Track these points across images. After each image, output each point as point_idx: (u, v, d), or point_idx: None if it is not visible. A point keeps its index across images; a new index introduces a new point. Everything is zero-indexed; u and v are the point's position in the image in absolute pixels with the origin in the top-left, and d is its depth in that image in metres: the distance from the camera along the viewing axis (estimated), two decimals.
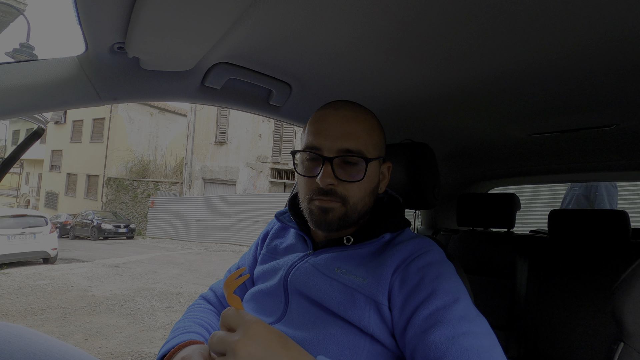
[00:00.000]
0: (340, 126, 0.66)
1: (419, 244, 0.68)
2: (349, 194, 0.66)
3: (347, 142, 0.65)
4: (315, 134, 0.67)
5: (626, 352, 0.62)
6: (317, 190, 0.66)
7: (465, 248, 1.53)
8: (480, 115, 1.05)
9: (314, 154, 0.66)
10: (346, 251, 0.69)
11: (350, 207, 0.66)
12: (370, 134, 0.69)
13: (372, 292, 0.61)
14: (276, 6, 0.58)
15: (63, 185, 19.98)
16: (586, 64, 0.70)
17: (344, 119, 0.67)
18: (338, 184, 0.65)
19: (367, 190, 0.68)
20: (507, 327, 1.32)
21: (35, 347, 0.64)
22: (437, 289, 0.58)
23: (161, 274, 6.66)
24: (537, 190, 4.96)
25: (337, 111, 0.68)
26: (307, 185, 0.68)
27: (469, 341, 0.51)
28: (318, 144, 0.66)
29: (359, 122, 0.68)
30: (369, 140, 0.68)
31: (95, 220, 13.05)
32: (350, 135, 0.66)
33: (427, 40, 0.65)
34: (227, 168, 13.82)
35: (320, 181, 0.64)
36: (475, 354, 0.49)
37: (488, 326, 0.56)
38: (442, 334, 0.52)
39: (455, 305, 0.56)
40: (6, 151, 8.52)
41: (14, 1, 4.27)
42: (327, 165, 0.64)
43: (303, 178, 0.69)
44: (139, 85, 0.79)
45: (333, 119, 0.67)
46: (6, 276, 6.05)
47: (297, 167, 0.70)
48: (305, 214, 0.70)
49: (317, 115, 0.70)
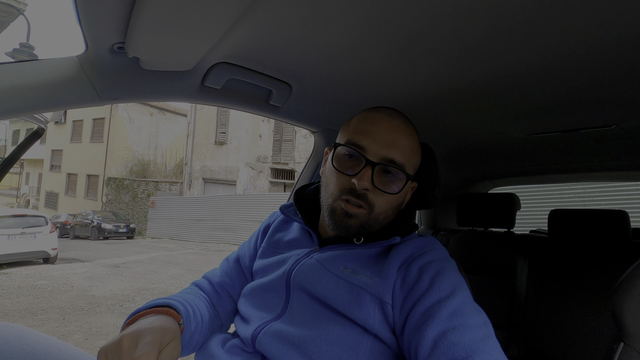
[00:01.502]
0: (391, 135, 0.65)
1: (422, 242, 0.68)
2: (378, 204, 0.65)
3: (394, 153, 0.64)
4: (363, 134, 0.65)
5: (626, 352, 0.62)
6: (348, 189, 0.64)
7: (465, 248, 1.53)
8: (480, 115, 1.05)
9: (358, 153, 0.64)
10: (354, 250, 0.68)
11: (373, 217, 0.66)
12: (414, 151, 0.69)
13: (378, 291, 0.61)
14: (276, 6, 0.58)
15: (63, 185, 19.98)
16: (586, 64, 0.70)
17: (396, 129, 0.66)
18: (372, 190, 0.64)
19: (393, 204, 0.68)
20: (507, 327, 1.32)
21: (35, 347, 0.64)
22: (434, 286, 0.58)
23: (161, 273, 6.66)
24: (537, 190, 4.97)
25: (391, 118, 0.67)
26: (338, 182, 0.66)
27: (457, 335, 0.51)
28: (365, 145, 0.64)
29: (407, 135, 0.67)
30: (412, 157, 0.68)
31: (95, 220, 13.06)
32: (398, 147, 0.65)
33: (428, 40, 0.65)
34: (227, 168, 13.82)
35: (358, 183, 0.62)
36: (461, 348, 0.49)
37: (485, 319, 0.55)
38: (434, 329, 0.52)
39: (449, 301, 0.56)
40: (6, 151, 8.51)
41: (14, 1, 4.27)
42: (368, 169, 0.63)
43: (336, 173, 0.66)
44: (139, 85, 0.79)
45: (386, 124, 0.66)
46: (6, 276, 6.05)
47: (333, 160, 0.68)
48: (324, 210, 0.68)
49: (368, 115, 0.69)
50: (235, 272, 0.84)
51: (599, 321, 1.15)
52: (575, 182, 2.42)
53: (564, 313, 1.21)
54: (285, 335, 0.62)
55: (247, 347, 0.67)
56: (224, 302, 0.81)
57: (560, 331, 1.20)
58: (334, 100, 0.99)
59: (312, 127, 1.22)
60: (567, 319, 1.20)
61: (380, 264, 0.65)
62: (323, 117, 1.13)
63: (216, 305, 0.80)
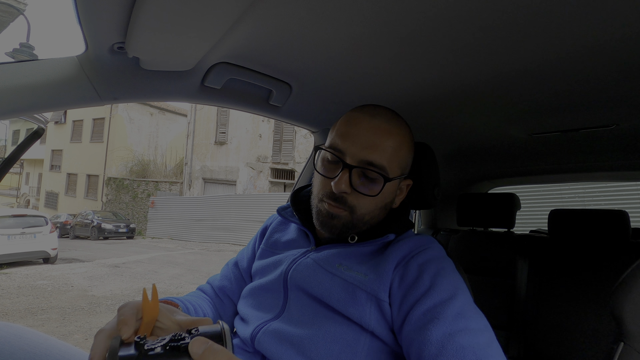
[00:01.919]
0: (369, 136, 0.64)
1: (419, 241, 0.68)
2: (359, 205, 0.65)
3: (372, 155, 0.63)
4: (342, 137, 0.65)
5: (626, 352, 0.62)
6: (329, 193, 0.65)
7: (465, 248, 1.53)
8: (481, 115, 1.05)
9: (336, 156, 0.65)
10: (349, 248, 0.69)
11: (356, 217, 0.66)
12: (398, 150, 0.66)
13: (373, 289, 0.61)
14: (276, 6, 0.58)
15: (63, 185, 19.97)
16: (586, 64, 0.70)
17: (375, 129, 0.65)
18: (351, 193, 0.64)
19: (378, 205, 0.67)
20: (507, 327, 1.32)
21: (35, 347, 0.64)
22: (435, 285, 0.58)
23: (161, 273, 6.66)
24: (537, 190, 4.96)
25: (371, 118, 0.66)
26: (321, 185, 0.67)
27: (466, 339, 0.51)
28: (343, 147, 0.64)
29: (390, 136, 0.65)
30: (395, 157, 0.66)
31: (95, 220, 13.05)
32: (377, 148, 0.64)
33: (427, 40, 0.65)
34: (227, 168, 13.82)
35: (335, 187, 0.63)
36: (471, 352, 0.49)
37: (486, 323, 0.55)
38: (439, 330, 0.52)
39: (453, 302, 0.56)
40: (6, 151, 8.53)
41: (14, 1, 4.27)
42: (345, 172, 0.63)
43: (319, 176, 0.68)
44: (139, 85, 0.79)
45: (365, 125, 0.65)
46: (6, 276, 6.05)
47: (316, 164, 0.69)
48: (313, 210, 0.69)
49: (350, 116, 0.68)
50: (234, 275, 0.85)
51: (599, 321, 1.15)
52: (575, 182, 2.42)
53: (564, 313, 1.21)
54: (283, 334, 0.62)
55: (247, 347, 0.67)
56: (225, 306, 0.83)
57: (560, 331, 1.20)
58: (334, 100, 0.99)
59: (312, 127, 1.22)
60: (567, 319, 1.20)
61: (376, 261, 0.65)
62: (323, 117, 1.13)
63: (218, 308, 0.82)
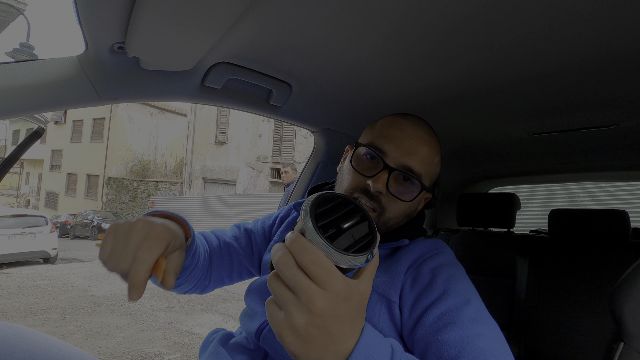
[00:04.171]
0: (413, 142, 0.65)
1: (431, 244, 0.68)
2: (389, 208, 0.65)
3: (413, 162, 0.65)
4: (386, 138, 0.66)
5: (626, 352, 0.62)
6: (362, 189, 0.65)
7: (465, 248, 1.53)
8: (481, 115, 1.05)
9: (377, 156, 0.65)
10: None
11: (383, 220, 0.66)
12: (434, 163, 0.69)
13: (385, 290, 0.61)
14: (276, 6, 0.58)
15: (63, 185, 19.98)
16: (586, 64, 0.70)
17: (419, 138, 0.66)
18: (386, 194, 0.64)
19: (405, 211, 0.68)
20: (507, 326, 1.32)
21: (35, 347, 0.64)
22: (449, 290, 0.58)
23: None
24: (537, 190, 4.96)
25: (416, 127, 0.67)
26: (353, 180, 0.67)
27: (484, 342, 0.51)
28: (386, 149, 0.65)
29: (430, 147, 0.67)
30: (430, 168, 0.68)
31: (95, 220, 13.07)
32: (418, 156, 0.65)
33: (428, 41, 0.65)
34: (227, 168, 13.82)
35: (373, 185, 0.63)
36: (491, 355, 0.49)
37: (499, 330, 0.55)
38: (456, 333, 0.52)
39: (467, 307, 0.56)
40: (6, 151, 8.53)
41: (14, 1, 4.27)
42: (384, 173, 0.63)
43: (353, 172, 0.67)
44: (139, 85, 0.79)
45: (409, 132, 0.66)
46: (6, 276, 6.04)
47: (352, 159, 0.69)
48: None
49: (393, 120, 0.69)
50: (245, 241, 0.84)
51: (599, 321, 1.15)
52: (575, 182, 2.42)
53: (564, 313, 1.21)
54: None
55: (250, 344, 0.68)
56: (222, 263, 0.81)
57: (560, 331, 1.20)
58: (334, 100, 0.99)
59: (312, 127, 1.22)
60: (567, 318, 1.20)
61: (387, 264, 0.65)
62: (323, 117, 1.13)
63: (213, 261, 0.80)
